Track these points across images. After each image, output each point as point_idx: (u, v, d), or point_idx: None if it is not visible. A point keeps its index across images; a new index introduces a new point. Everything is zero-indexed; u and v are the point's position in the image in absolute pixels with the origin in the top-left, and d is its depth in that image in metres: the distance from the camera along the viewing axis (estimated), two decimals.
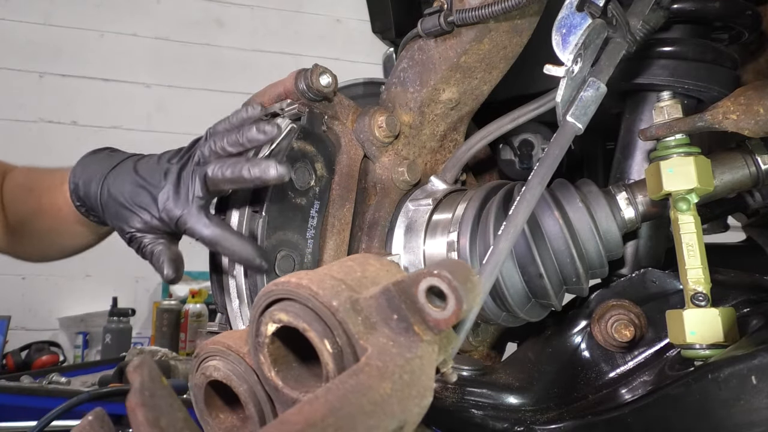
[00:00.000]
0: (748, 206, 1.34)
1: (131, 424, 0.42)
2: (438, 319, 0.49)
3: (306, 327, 0.51)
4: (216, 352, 0.63)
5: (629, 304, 1.00)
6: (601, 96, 0.80)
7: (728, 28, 1.11)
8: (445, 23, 0.99)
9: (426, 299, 0.49)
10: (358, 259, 0.59)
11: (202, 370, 0.64)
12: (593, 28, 0.81)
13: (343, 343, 0.51)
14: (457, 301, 0.47)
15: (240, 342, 0.62)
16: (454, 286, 0.47)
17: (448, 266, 0.48)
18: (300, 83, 0.99)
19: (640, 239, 1.08)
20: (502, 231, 0.69)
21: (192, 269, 4.85)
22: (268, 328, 0.54)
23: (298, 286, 0.52)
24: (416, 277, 0.49)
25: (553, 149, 0.76)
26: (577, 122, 0.78)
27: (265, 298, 0.55)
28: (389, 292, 0.50)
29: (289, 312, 0.52)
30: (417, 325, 0.50)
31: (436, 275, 0.48)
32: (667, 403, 0.79)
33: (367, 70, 1.69)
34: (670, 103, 0.92)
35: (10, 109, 4.76)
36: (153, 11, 5.19)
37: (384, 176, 1.06)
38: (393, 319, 0.50)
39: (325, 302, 0.51)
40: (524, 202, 0.71)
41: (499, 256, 0.67)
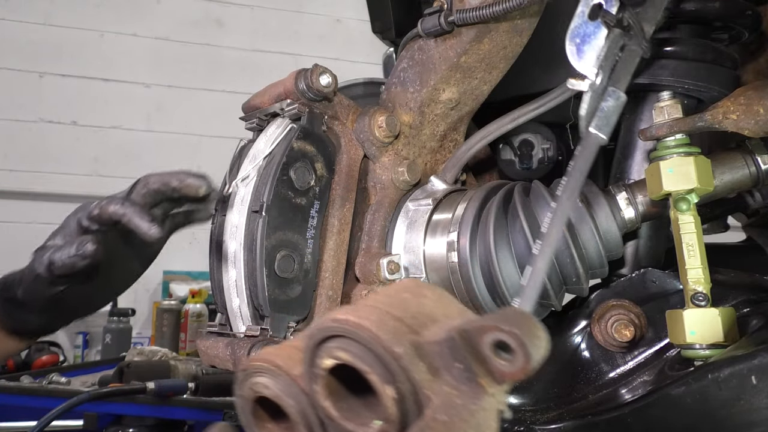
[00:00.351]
0: (748, 206, 1.34)
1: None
2: (504, 372, 0.48)
3: (368, 370, 0.51)
4: (265, 370, 0.63)
5: (629, 304, 1.00)
6: (622, 105, 0.80)
7: (728, 28, 1.11)
8: (446, 23, 0.99)
9: (491, 351, 0.48)
10: (412, 288, 0.58)
11: (251, 385, 0.64)
12: (612, 39, 0.81)
13: (405, 389, 0.50)
14: (525, 358, 0.46)
15: (290, 362, 0.62)
16: (523, 343, 0.46)
17: (514, 320, 0.47)
18: (300, 83, 0.99)
19: (640, 239, 1.08)
20: (539, 252, 0.68)
21: (192, 269, 4.85)
22: (325, 362, 0.54)
23: (358, 327, 0.51)
24: (481, 329, 0.48)
25: (580, 162, 0.75)
26: (600, 133, 0.78)
27: (322, 332, 0.54)
28: (453, 341, 0.49)
29: (350, 352, 0.52)
30: (482, 378, 0.49)
31: (505, 331, 0.47)
32: (667, 403, 0.80)
33: (367, 70, 1.69)
34: (670, 103, 0.92)
35: (10, 109, 4.76)
36: (153, 11, 5.20)
37: (384, 176, 1.06)
38: (456, 367, 0.49)
39: (387, 347, 0.50)
40: (556, 219, 0.71)
41: (538, 277, 0.67)
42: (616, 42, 0.81)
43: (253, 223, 0.95)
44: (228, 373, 2.33)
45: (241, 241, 0.96)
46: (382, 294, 0.57)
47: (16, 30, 4.83)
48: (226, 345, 0.97)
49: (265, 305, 0.94)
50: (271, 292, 0.93)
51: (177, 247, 5.74)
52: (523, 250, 0.91)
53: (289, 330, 0.96)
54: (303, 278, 0.98)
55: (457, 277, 0.96)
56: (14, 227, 4.71)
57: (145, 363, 2.56)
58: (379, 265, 1.00)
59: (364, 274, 1.02)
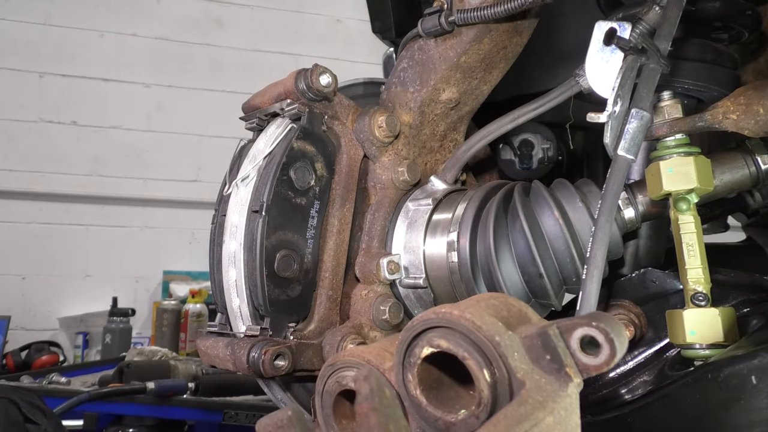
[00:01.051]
0: (748, 206, 1.34)
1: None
2: (589, 365, 0.54)
3: (466, 355, 0.57)
4: (354, 365, 0.68)
5: (629, 304, 1.00)
6: (647, 124, 0.81)
7: (728, 28, 1.11)
8: (446, 23, 0.99)
9: (578, 345, 0.54)
10: (500, 298, 0.64)
11: (338, 379, 0.69)
12: (626, 67, 0.82)
13: (500, 374, 0.56)
14: (611, 353, 0.53)
15: (379, 359, 0.68)
16: (611, 339, 0.52)
17: (603, 319, 0.54)
18: (300, 83, 0.99)
19: (640, 239, 1.09)
20: (586, 274, 0.72)
21: (192, 269, 4.85)
22: (423, 351, 0.59)
23: (461, 318, 0.57)
24: (573, 325, 0.55)
25: (612, 184, 0.77)
26: (628, 154, 0.79)
27: (423, 324, 0.60)
28: (546, 335, 0.56)
29: (450, 340, 0.58)
30: (570, 368, 0.55)
31: (595, 327, 0.53)
32: (667, 403, 0.80)
33: (367, 70, 1.69)
34: (670, 103, 0.92)
35: (10, 109, 4.76)
36: (153, 11, 5.20)
37: (384, 176, 1.06)
38: (545, 359, 0.56)
39: (488, 336, 0.56)
40: (598, 242, 0.73)
41: (591, 300, 0.71)
42: (631, 67, 0.82)
43: (253, 223, 0.95)
44: (228, 373, 2.34)
45: (241, 241, 0.96)
46: (473, 300, 0.63)
47: (16, 30, 4.83)
48: (226, 345, 0.97)
49: (265, 305, 0.94)
50: (271, 292, 0.93)
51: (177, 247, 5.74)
52: (523, 250, 0.91)
53: (289, 330, 0.96)
54: (303, 278, 0.97)
55: (457, 277, 0.96)
56: (14, 227, 4.71)
57: (145, 363, 2.56)
58: (379, 264, 1.00)
59: (364, 274, 1.02)
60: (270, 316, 0.94)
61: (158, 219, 5.01)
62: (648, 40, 0.81)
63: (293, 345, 0.94)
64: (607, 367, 0.53)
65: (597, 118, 0.81)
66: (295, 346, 0.94)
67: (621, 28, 0.83)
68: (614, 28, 0.83)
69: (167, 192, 5.06)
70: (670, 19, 0.83)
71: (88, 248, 4.81)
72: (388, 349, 0.70)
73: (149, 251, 4.91)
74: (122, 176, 4.97)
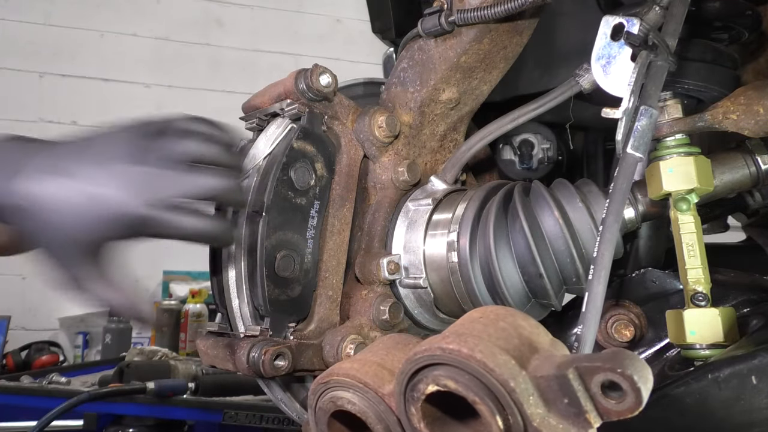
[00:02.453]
0: (748, 206, 1.34)
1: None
2: (612, 410, 0.50)
3: (477, 400, 0.53)
4: (350, 385, 0.65)
5: (629, 304, 1.00)
6: (655, 121, 0.80)
7: (728, 28, 1.11)
8: (446, 23, 0.99)
9: (600, 389, 0.50)
10: (507, 318, 0.59)
11: (333, 398, 0.66)
12: (642, 61, 0.81)
13: (514, 421, 0.52)
14: (637, 400, 0.49)
15: (377, 380, 0.64)
16: (638, 387, 0.49)
17: (628, 363, 0.49)
18: (300, 83, 0.99)
19: (640, 239, 1.09)
20: (593, 275, 0.69)
21: (192, 269, 4.85)
22: (428, 388, 0.56)
23: (470, 358, 0.53)
24: (594, 369, 0.50)
25: (620, 183, 0.75)
26: (637, 152, 0.78)
27: (428, 359, 0.56)
28: (564, 378, 0.51)
29: (459, 382, 0.54)
30: (589, 413, 0.51)
31: (620, 374, 0.49)
32: (667, 403, 0.80)
33: (367, 70, 1.69)
34: (670, 103, 0.92)
35: (10, 109, 4.76)
36: (153, 11, 5.19)
37: (384, 176, 1.06)
38: (563, 402, 0.51)
39: (501, 381, 0.52)
40: (605, 242, 0.71)
41: (597, 301, 0.68)
42: (645, 63, 0.81)
43: (253, 223, 0.95)
44: (228, 373, 2.34)
45: (241, 241, 0.96)
46: (479, 322, 0.58)
47: (16, 30, 4.82)
48: (226, 345, 0.97)
49: (265, 305, 0.94)
50: (271, 292, 0.93)
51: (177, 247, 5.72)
52: (523, 250, 0.91)
53: (289, 330, 0.96)
54: (303, 278, 0.97)
55: (457, 277, 0.96)
56: None
57: (145, 363, 2.56)
58: (379, 265, 1.00)
59: (364, 274, 1.02)
60: (270, 316, 0.94)
61: None
62: (658, 36, 0.81)
63: (293, 345, 0.94)
64: (632, 414, 0.50)
65: (612, 113, 0.80)
66: (295, 346, 0.94)
67: (629, 24, 0.83)
68: (622, 23, 0.83)
69: None
70: (676, 17, 0.83)
71: None
72: (385, 365, 0.66)
73: (149, 251, 4.89)
74: None
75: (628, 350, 0.59)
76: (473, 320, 0.59)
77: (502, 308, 0.63)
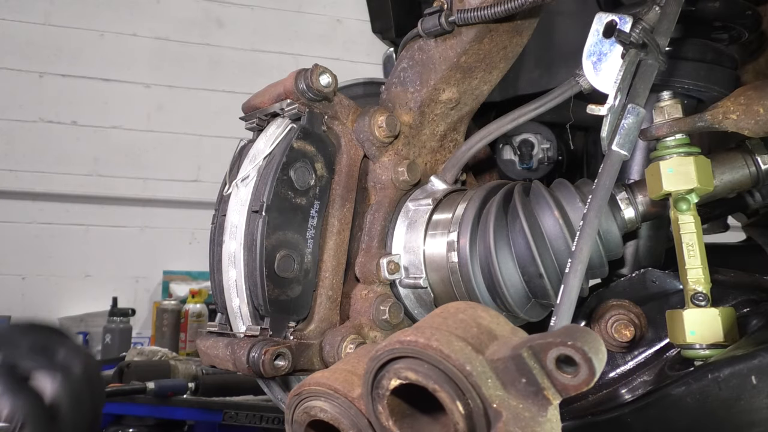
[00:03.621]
0: (748, 206, 1.34)
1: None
2: (568, 385, 0.51)
3: (437, 388, 0.54)
4: (321, 394, 0.65)
5: (629, 304, 1.00)
6: (642, 120, 0.80)
7: (728, 28, 1.11)
8: (446, 23, 0.99)
9: (555, 366, 0.51)
10: (467, 311, 0.60)
11: (306, 409, 0.66)
12: (629, 59, 0.81)
13: (474, 405, 0.53)
14: (590, 371, 0.49)
15: (346, 385, 0.65)
16: (589, 358, 0.49)
17: (579, 336, 0.50)
18: (300, 83, 0.99)
19: (640, 239, 1.08)
20: (570, 269, 0.69)
21: (192, 269, 4.85)
22: (391, 383, 0.56)
23: (426, 347, 0.54)
24: (547, 345, 0.51)
25: (604, 180, 0.76)
26: (622, 150, 0.78)
27: (388, 354, 0.57)
28: (519, 357, 0.52)
29: (419, 372, 0.55)
30: (547, 390, 0.52)
31: (570, 346, 0.50)
32: (667, 403, 0.80)
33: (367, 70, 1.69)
34: (670, 103, 0.92)
35: (10, 109, 4.76)
36: (153, 11, 5.20)
37: (384, 176, 1.06)
38: (521, 382, 0.52)
39: (457, 365, 0.53)
40: (585, 237, 0.71)
41: (572, 294, 0.68)
42: (632, 61, 0.81)
43: (253, 223, 0.95)
44: (228, 373, 2.34)
45: (241, 241, 0.96)
46: (439, 315, 0.59)
47: (16, 30, 4.83)
48: (226, 345, 0.97)
49: (265, 305, 0.94)
50: (271, 292, 0.93)
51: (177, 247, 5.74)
52: (523, 250, 0.91)
53: (289, 330, 0.96)
54: (303, 278, 0.97)
55: (457, 277, 0.96)
56: (14, 227, 4.71)
57: (145, 363, 2.56)
58: (379, 265, 1.00)
59: (364, 274, 1.02)
60: (270, 316, 0.94)
61: (158, 219, 5.01)
62: (649, 35, 0.81)
63: (293, 345, 0.94)
64: (587, 386, 0.50)
65: (597, 110, 0.80)
66: (295, 346, 0.94)
67: (621, 21, 0.83)
68: (615, 21, 0.83)
69: (167, 192, 5.06)
70: (669, 16, 0.83)
71: (88, 248, 4.81)
72: (355, 372, 0.67)
73: (149, 251, 4.91)
74: (122, 176, 4.97)
75: (582, 326, 0.59)
76: (434, 315, 0.60)
77: (464, 303, 0.63)
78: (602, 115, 0.79)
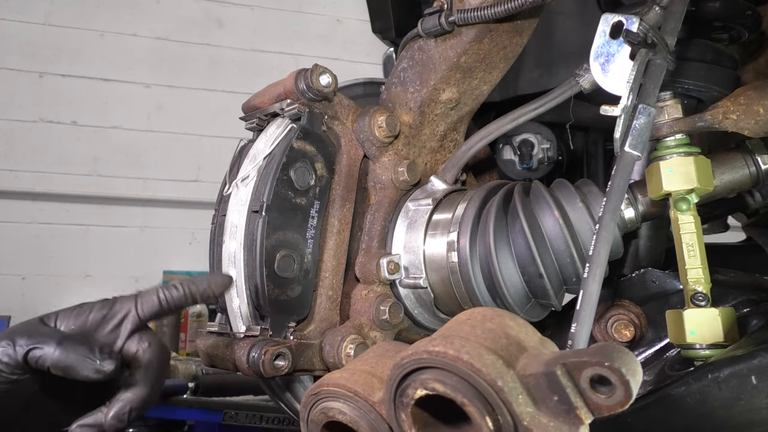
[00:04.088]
0: (748, 206, 1.34)
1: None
2: (602, 405, 0.49)
3: (466, 402, 0.52)
4: (340, 395, 0.65)
5: (629, 304, 1.00)
6: (653, 120, 0.79)
7: (728, 28, 1.11)
8: (446, 23, 0.99)
9: (589, 385, 0.50)
10: (494, 319, 0.59)
11: (323, 410, 0.66)
12: (641, 59, 0.80)
13: (504, 421, 0.51)
14: (627, 394, 0.48)
15: (367, 389, 0.64)
16: (627, 381, 0.48)
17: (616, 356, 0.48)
18: (300, 83, 0.99)
19: (640, 239, 1.08)
20: (588, 273, 0.68)
21: (192, 269, 4.85)
22: (416, 392, 0.55)
23: (456, 360, 0.52)
24: (582, 363, 0.50)
25: (618, 181, 0.75)
26: (635, 151, 0.77)
27: (414, 363, 0.55)
28: (553, 375, 0.51)
29: (447, 384, 0.53)
30: (580, 410, 0.50)
31: (608, 367, 0.48)
32: (668, 403, 0.79)
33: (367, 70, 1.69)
34: (670, 103, 0.92)
35: (10, 109, 4.76)
36: (153, 11, 5.19)
37: (384, 176, 1.06)
38: (553, 400, 0.51)
39: (489, 380, 0.51)
40: (602, 240, 0.71)
41: (592, 299, 0.67)
42: (644, 61, 0.81)
43: (253, 223, 0.95)
44: (228, 373, 2.33)
45: (241, 241, 0.96)
46: (467, 324, 0.57)
47: (16, 30, 4.82)
48: (226, 345, 0.97)
49: (265, 305, 0.93)
50: (271, 292, 0.93)
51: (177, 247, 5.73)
52: (523, 250, 0.91)
53: (289, 330, 0.96)
54: (303, 278, 0.97)
55: (457, 277, 0.96)
56: (14, 227, 4.71)
57: None
58: (379, 265, 1.00)
59: (364, 274, 1.02)
60: (270, 316, 0.94)
61: (158, 219, 5.00)
62: (657, 34, 0.81)
63: (293, 345, 0.94)
64: (623, 408, 0.49)
65: (611, 111, 0.80)
66: (295, 346, 0.94)
67: (628, 22, 0.82)
68: (621, 21, 0.83)
69: (167, 192, 5.05)
70: (675, 15, 0.83)
71: (88, 248, 4.81)
72: (375, 374, 0.66)
73: (149, 251, 4.91)
74: (122, 176, 4.97)
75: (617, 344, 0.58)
76: (460, 322, 0.59)
77: (490, 309, 0.62)
78: (616, 116, 0.79)
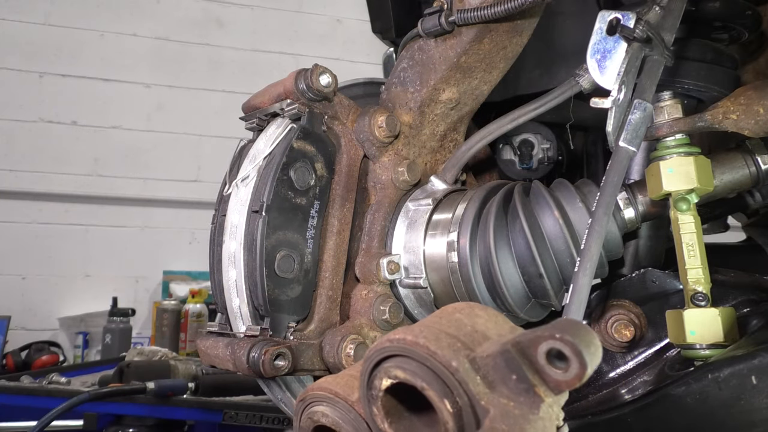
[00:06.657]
0: (748, 206, 1.34)
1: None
2: (560, 380, 0.49)
3: (425, 386, 0.52)
4: (323, 398, 0.65)
5: (629, 304, 1.00)
6: (650, 116, 0.79)
7: (728, 28, 1.11)
8: (446, 23, 0.99)
9: (546, 361, 0.49)
10: (464, 310, 0.59)
11: (310, 415, 0.66)
12: (632, 54, 0.80)
13: (463, 402, 0.51)
14: (581, 365, 0.47)
15: (347, 389, 0.64)
16: (578, 351, 0.47)
17: (569, 329, 0.48)
18: (300, 83, 0.99)
19: (640, 239, 1.08)
20: (579, 267, 0.68)
21: (192, 269, 4.85)
22: (382, 383, 0.55)
23: (414, 344, 0.53)
24: (536, 339, 0.49)
25: (612, 176, 0.75)
26: (630, 146, 0.77)
27: (379, 353, 0.56)
28: (508, 353, 0.50)
29: (406, 370, 0.53)
30: (538, 387, 0.50)
31: (559, 339, 0.47)
32: (667, 403, 0.80)
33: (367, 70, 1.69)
34: (670, 103, 0.92)
35: (10, 109, 4.76)
36: (153, 11, 5.20)
37: (384, 176, 1.06)
38: (512, 379, 0.50)
39: (444, 362, 0.51)
40: (593, 234, 0.70)
41: (582, 293, 0.66)
42: (636, 56, 0.80)
43: (253, 223, 0.95)
44: (228, 373, 2.34)
45: (241, 241, 0.96)
46: (436, 315, 0.58)
47: (16, 30, 4.83)
48: (226, 345, 0.97)
49: (265, 305, 0.94)
50: (271, 292, 0.93)
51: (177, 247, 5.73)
52: (523, 250, 0.91)
53: (289, 330, 0.96)
54: (303, 278, 0.97)
55: (457, 277, 0.96)
56: (14, 227, 4.71)
57: (145, 363, 2.56)
58: (379, 265, 1.00)
59: (364, 274, 1.02)
60: (270, 316, 0.94)
61: (158, 219, 5.01)
62: (653, 29, 0.81)
63: (293, 345, 0.94)
64: (580, 382, 0.48)
65: (601, 103, 0.80)
66: (295, 346, 0.94)
67: (625, 18, 0.82)
68: (618, 18, 0.83)
69: (167, 192, 5.06)
70: (674, 12, 0.83)
71: (88, 248, 4.81)
72: (356, 375, 0.65)
73: (149, 251, 4.91)
74: (122, 176, 4.97)
75: (575, 320, 0.58)
76: (432, 315, 0.59)
77: (464, 303, 0.62)
78: (606, 108, 0.79)
